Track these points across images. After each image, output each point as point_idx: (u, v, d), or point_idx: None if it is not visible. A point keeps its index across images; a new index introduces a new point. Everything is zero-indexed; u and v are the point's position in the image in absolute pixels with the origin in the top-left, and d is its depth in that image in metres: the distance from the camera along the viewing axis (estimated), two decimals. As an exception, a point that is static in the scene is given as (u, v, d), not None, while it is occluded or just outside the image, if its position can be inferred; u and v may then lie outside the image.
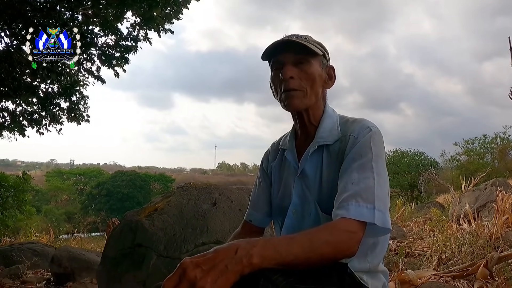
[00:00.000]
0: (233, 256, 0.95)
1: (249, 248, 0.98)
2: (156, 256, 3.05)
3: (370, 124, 1.38)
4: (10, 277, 5.14)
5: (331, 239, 1.11)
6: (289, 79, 1.38)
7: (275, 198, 1.58)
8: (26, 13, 6.94)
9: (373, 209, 1.19)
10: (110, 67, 8.53)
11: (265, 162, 1.67)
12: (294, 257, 1.03)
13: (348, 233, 1.14)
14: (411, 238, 6.05)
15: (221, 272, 0.92)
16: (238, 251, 0.96)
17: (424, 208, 10.84)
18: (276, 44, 1.40)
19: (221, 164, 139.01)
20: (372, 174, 1.25)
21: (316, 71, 1.41)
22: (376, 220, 1.18)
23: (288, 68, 1.38)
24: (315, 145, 1.42)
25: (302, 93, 1.39)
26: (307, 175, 1.43)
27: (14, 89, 7.80)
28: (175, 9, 7.76)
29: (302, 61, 1.39)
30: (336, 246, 1.11)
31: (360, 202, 1.19)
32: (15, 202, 10.96)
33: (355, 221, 1.16)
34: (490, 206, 6.53)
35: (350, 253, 1.14)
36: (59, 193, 47.74)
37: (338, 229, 1.15)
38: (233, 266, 0.94)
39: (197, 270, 0.92)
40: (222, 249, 0.97)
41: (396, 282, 3.07)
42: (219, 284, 0.91)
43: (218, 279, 0.91)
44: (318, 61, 1.43)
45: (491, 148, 28.30)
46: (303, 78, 1.39)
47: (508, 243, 4.12)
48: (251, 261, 0.96)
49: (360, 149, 1.31)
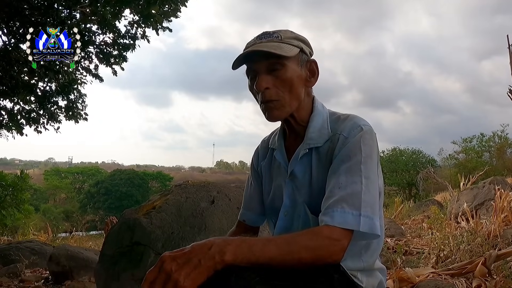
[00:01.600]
0: (207, 252, 1.00)
1: (223, 245, 1.02)
2: (154, 255, 3.04)
3: (362, 122, 1.32)
4: (8, 276, 5.13)
5: (310, 244, 1.10)
6: (265, 90, 1.30)
7: (266, 198, 1.55)
8: (23, 11, 6.92)
9: (358, 216, 1.16)
10: (108, 65, 8.52)
11: (255, 160, 1.63)
12: (268, 259, 1.05)
13: (330, 240, 1.12)
14: (409, 236, 6.06)
15: (195, 266, 0.97)
16: (212, 248, 1.00)
17: (422, 206, 10.84)
18: (245, 54, 1.31)
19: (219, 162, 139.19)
20: (360, 178, 1.21)
21: (293, 74, 1.32)
22: (361, 227, 1.15)
23: (261, 79, 1.30)
24: (305, 148, 1.37)
25: (280, 102, 1.32)
26: (296, 176, 1.39)
27: (12, 88, 7.78)
28: (173, 7, 7.74)
29: (276, 67, 1.30)
30: (315, 252, 1.10)
31: (345, 208, 1.16)
32: (13, 201, 10.91)
33: (339, 229, 1.14)
34: (488, 204, 6.54)
35: (333, 260, 1.13)
36: (57, 191, 47.76)
37: (320, 235, 1.13)
38: (206, 261, 0.98)
39: (173, 263, 0.98)
40: (198, 245, 1.02)
41: (395, 280, 3.07)
42: (192, 277, 0.96)
43: (192, 272, 0.96)
44: (294, 61, 1.33)
45: (489, 146, 28.33)
46: (279, 85, 1.31)
47: (506, 241, 4.13)
48: (223, 258, 1.00)
49: (349, 151, 1.26)
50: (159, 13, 7.49)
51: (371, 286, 1.34)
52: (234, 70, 1.35)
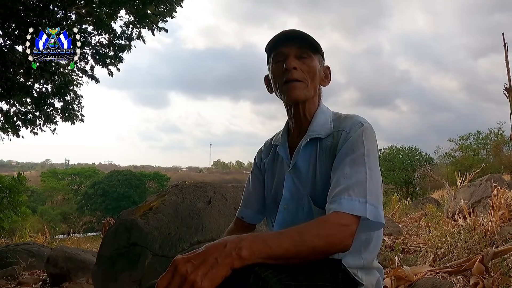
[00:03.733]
0: (222, 249, 0.99)
1: (238, 241, 1.01)
2: (152, 255, 3.04)
3: (362, 119, 1.40)
4: (6, 278, 5.12)
5: (322, 232, 1.12)
6: (293, 70, 1.40)
7: (268, 194, 1.59)
8: (19, 13, 6.91)
9: (365, 203, 1.19)
10: (104, 66, 8.50)
11: (258, 159, 1.68)
12: (284, 251, 1.05)
13: (340, 226, 1.15)
14: (406, 234, 6.06)
15: (211, 265, 0.95)
16: (228, 245, 1.00)
17: (420, 204, 10.87)
18: (282, 34, 1.43)
19: (216, 162, 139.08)
20: (364, 168, 1.26)
21: (316, 66, 1.45)
22: (368, 214, 1.18)
23: (291, 59, 1.41)
24: (307, 138, 1.43)
25: (303, 84, 1.42)
26: (299, 169, 1.44)
27: (7, 89, 7.76)
28: (169, 7, 7.74)
29: (304, 55, 1.43)
30: (327, 239, 1.12)
31: (352, 196, 1.19)
32: (10, 203, 10.88)
33: (348, 215, 1.17)
34: (485, 201, 6.55)
35: (343, 246, 1.14)
36: (55, 193, 47.71)
37: (329, 222, 1.16)
38: (223, 259, 0.97)
39: (188, 264, 0.95)
40: (212, 245, 1.01)
41: (392, 278, 3.07)
42: (209, 276, 0.94)
43: (209, 271, 0.94)
44: (317, 58, 1.47)
45: (485, 144, 28.40)
46: (305, 70, 1.42)
47: (504, 238, 4.14)
48: (240, 253, 0.99)
49: (352, 144, 1.32)
50: (155, 13, 7.49)
51: (370, 284, 1.36)
52: (266, 52, 1.50)
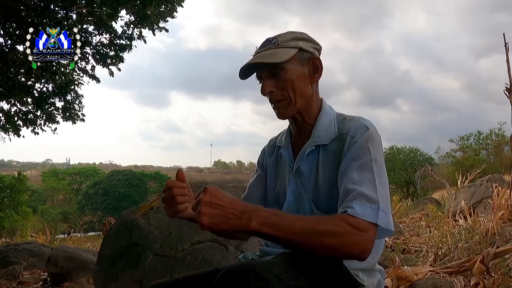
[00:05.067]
0: (237, 214, 1.06)
1: (253, 213, 1.07)
2: (152, 255, 3.04)
3: (367, 122, 1.36)
4: (6, 278, 5.12)
5: (336, 230, 1.11)
6: (270, 93, 1.40)
7: (271, 194, 1.58)
8: (20, 12, 6.91)
9: (377, 210, 1.17)
10: (104, 66, 8.50)
11: (261, 157, 1.68)
12: (292, 236, 1.09)
13: (356, 230, 1.12)
14: (407, 234, 6.05)
15: (221, 217, 1.05)
16: (244, 213, 1.07)
17: (420, 204, 10.85)
18: (246, 66, 1.40)
19: (217, 162, 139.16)
20: (373, 175, 1.23)
21: (293, 74, 1.38)
22: (379, 221, 1.15)
23: (265, 84, 1.39)
24: (312, 145, 1.41)
25: (286, 102, 1.40)
26: (302, 173, 1.42)
27: (8, 89, 7.77)
28: (169, 7, 7.75)
29: (276, 71, 1.38)
30: (340, 238, 1.10)
31: (364, 202, 1.17)
32: (11, 202, 10.91)
33: (364, 221, 1.14)
34: (486, 202, 6.54)
35: (359, 250, 1.12)
36: (55, 192, 47.75)
37: (344, 222, 1.13)
38: (232, 221, 1.06)
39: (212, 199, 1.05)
40: (236, 202, 1.09)
41: (393, 278, 3.07)
42: (214, 222, 1.04)
43: (215, 218, 1.05)
44: (293, 61, 1.39)
45: (486, 144, 28.39)
46: (282, 87, 1.38)
47: (504, 238, 4.13)
48: (249, 224, 1.06)
49: (359, 149, 1.29)
50: (155, 13, 7.49)
51: (371, 285, 1.36)
52: (243, 80, 1.46)
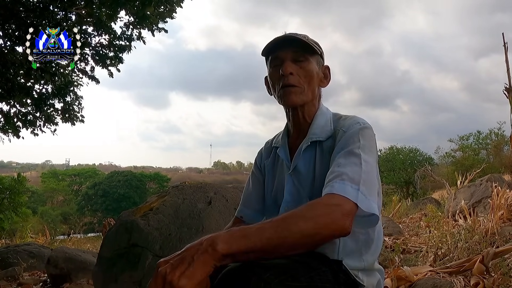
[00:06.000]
0: (199, 247, 0.99)
1: (215, 237, 1.01)
2: (152, 256, 3.04)
3: (361, 120, 1.40)
4: (6, 279, 5.12)
5: (308, 214, 1.08)
6: (289, 75, 1.40)
7: (268, 196, 1.58)
8: (19, 14, 6.91)
9: (357, 190, 1.15)
10: (104, 67, 8.51)
11: (258, 159, 1.68)
12: (266, 240, 1.03)
13: (330, 206, 1.11)
14: (407, 235, 6.06)
15: (189, 264, 0.96)
16: (204, 242, 1.00)
17: (420, 204, 10.83)
18: (277, 40, 1.43)
19: (216, 163, 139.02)
20: (359, 160, 1.24)
21: (314, 69, 1.44)
22: (359, 201, 1.13)
23: (287, 64, 1.40)
24: (308, 141, 1.42)
25: (300, 89, 1.41)
26: (300, 171, 1.43)
27: (7, 90, 7.76)
28: (168, 7, 7.75)
29: (301, 58, 1.42)
30: (314, 220, 1.07)
31: (345, 181, 1.16)
32: (11, 204, 10.89)
33: (339, 196, 1.12)
34: (485, 201, 6.55)
35: (338, 227, 1.09)
36: (55, 194, 47.66)
37: (318, 203, 1.12)
38: (199, 256, 0.97)
39: (167, 266, 0.97)
40: (191, 245, 1.02)
41: (393, 278, 3.08)
42: (186, 275, 0.95)
43: (186, 270, 0.95)
44: (315, 60, 1.46)
45: (486, 144, 28.38)
46: (302, 75, 1.41)
47: (504, 238, 4.13)
48: (215, 248, 0.98)
49: (347, 139, 1.32)
50: (154, 14, 7.49)
51: (371, 285, 1.36)
52: (263, 56, 1.50)
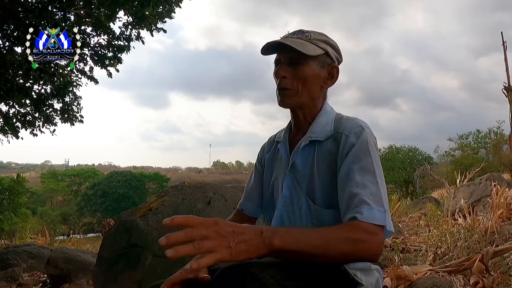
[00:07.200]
0: (259, 235, 1.03)
1: (275, 231, 1.06)
2: (152, 256, 3.04)
3: (362, 122, 1.38)
4: (6, 280, 5.12)
5: (351, 236, 1.13)
6: (282, 78, 1.41)
7: (266, 189, 1.60)
8: (18, 14, 6.91)
9: (384, 212, 1.20)
10: (103, 67, 8.51)
11: (260, 153, 1.69)
12: (313, 248, 1.08)
13: (369, 234, 1.15)
14: (406, 234, 6.05)
15: (246, 242, 1.00)
16: (264, 232, 1.04)
17: (419, 203, 10.84)
18: (269, 44, 1.42)
19: (216, 163, 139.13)
20: (375, 178, 1.25)
21: (311, 71, 1.42)
22: (387, 224, 1.19)
23: (281, 68, 1.41)
24: (307, 140, 1.43)
25: (293, 92, 1.41)
26: (297, 168, 1.44)
27: (6, 91, 7.77)
28: (167, 7, 7.75)
29: (296, 61, 1.41)
30: (356, 245, 1.12)
31: (371, 205, 1.19)
32: (10, 204, 10.91)
33: (373, 224, 1.16)
34: (485, 200, 6.55)
35: (373, 254, 1.15)
36: (54, 194, 47.70)
37: (358, 228, 1.15)
38: (256, 242, 1.01)
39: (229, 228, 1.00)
40: (249, 227, 1.05)
41: (392, 278, 3.07)
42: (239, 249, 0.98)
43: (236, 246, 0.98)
44: (316, 61, 1.43)
45: (485, 142, 28.43)
46: (296, 78, 1.41)
47: (504, 237, 4.13)
48: (272, 242, 1.03)
49: (359, 152, 1.30)
50: (153, 14, 7.49)
51: (369, 284, 1.36)
52: (263, 55, 1.47)
